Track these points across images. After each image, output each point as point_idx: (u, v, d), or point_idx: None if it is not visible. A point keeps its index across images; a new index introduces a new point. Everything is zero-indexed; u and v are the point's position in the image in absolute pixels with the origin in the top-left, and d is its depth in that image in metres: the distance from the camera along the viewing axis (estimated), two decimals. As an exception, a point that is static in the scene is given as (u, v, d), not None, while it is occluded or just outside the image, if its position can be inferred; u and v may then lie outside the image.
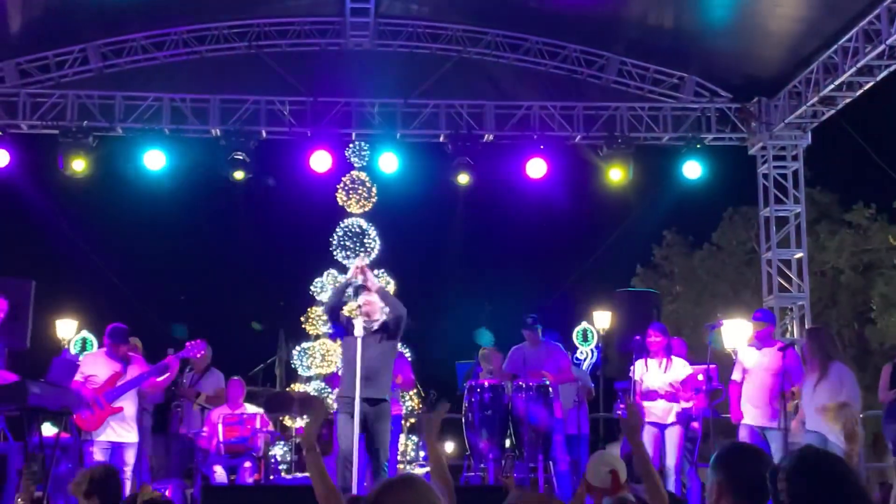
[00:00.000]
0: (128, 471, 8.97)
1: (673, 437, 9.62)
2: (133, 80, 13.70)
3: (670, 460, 9.53)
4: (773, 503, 3.03)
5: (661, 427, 9.66)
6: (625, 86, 14.16)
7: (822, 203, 24.95)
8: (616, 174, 13.66)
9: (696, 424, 9.97)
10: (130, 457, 9.16)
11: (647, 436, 9.69)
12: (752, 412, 9.33)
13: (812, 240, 20.36)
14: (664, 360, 9.77)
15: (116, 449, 9.10)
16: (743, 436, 9.31)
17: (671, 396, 9.65)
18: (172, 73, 13.78)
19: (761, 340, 9.54)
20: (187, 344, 9.91)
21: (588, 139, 13.98)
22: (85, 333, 16.86)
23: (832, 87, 12.31)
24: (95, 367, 9.21)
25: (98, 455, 9.01)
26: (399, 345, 9.25)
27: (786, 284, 13.90)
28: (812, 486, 2.95)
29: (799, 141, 13.96)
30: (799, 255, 13.92)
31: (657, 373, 9.71)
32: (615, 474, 4.94)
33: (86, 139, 13.18)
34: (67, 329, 16.95)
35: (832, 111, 13.14)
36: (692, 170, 13.62)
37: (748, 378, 9.39)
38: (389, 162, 13.72)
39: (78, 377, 9.07)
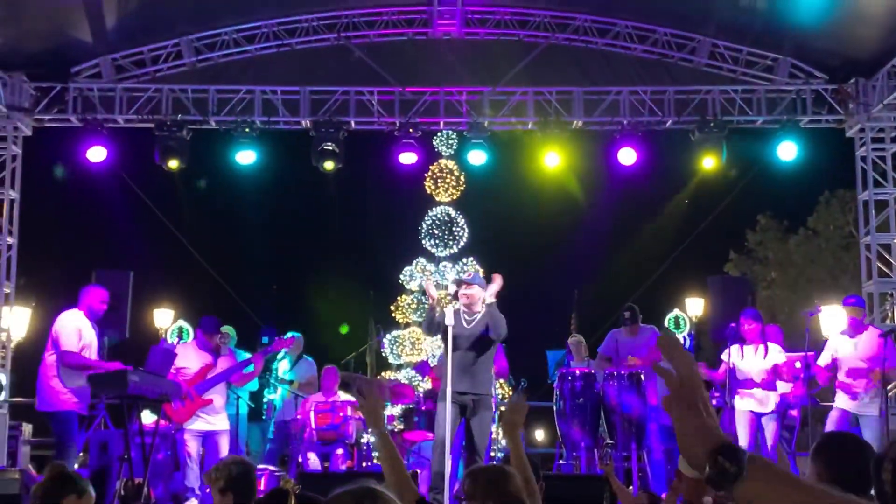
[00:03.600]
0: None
1: (770, 426, 9.49)
2: (225, 73, 13.92)
3: (768, 448, 9.41)
4: (877, 493, 2.92)
5: (759, 415, 9.52)
6: (717, 68, 13.90)
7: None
8: (708, 159, 13.43)
9: (794, 412, 9.79)
10: (224, 444, 9.34)
11: (743, 422, 9.56)
12: (844, 398, 9.18)
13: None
14: (760, 347, 9.62)
15: (209, 437, 9.28)
16: (833, 417, 9.18)
17: (768, 384, 9.50)
18: (263, 65, 13.97)
19: (854, 328, 9.38)
20: (276, 339, 10.08)
21: (679, 124, 13.77)
22: (181, 323, 17.24)
23: (933, 65, 11.93)
24: (186, 358, 9.40)
25: (191, 443, 9.22)
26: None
27: (885, 270, 13.53)
28: None
29: (899, 122, 13.57)
30: (899, 239, 13.54)
31: (754, 360, 9.56)
32: None
33: (180, 132, 13.42)
34: (164, 319, 17.36)
35: (933, 91, 12.73)
36: (787, 151, 13.33)
37: (842, 365, 9.25)
38: (478, 156, 13.73)
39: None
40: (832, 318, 11.28)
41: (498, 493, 3.89)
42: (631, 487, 9.26)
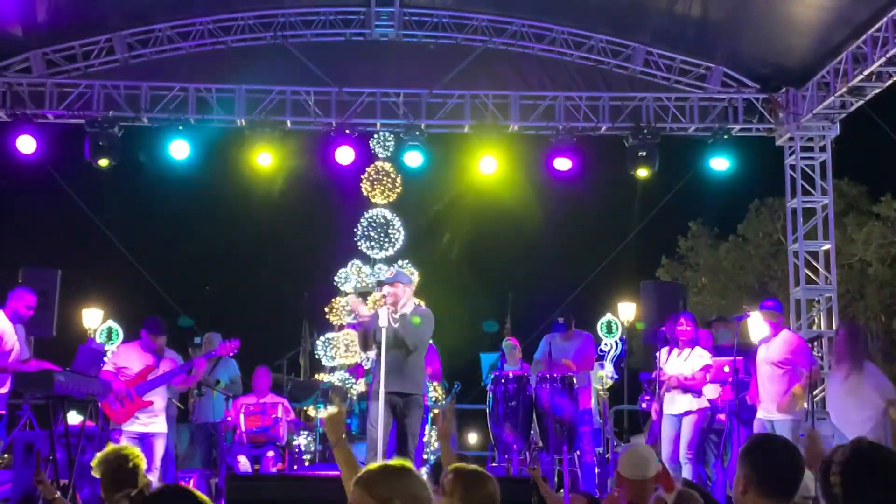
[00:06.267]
0: (157, 461, 9.01)
1: (685, 426, 9.42)
2: (159, 70, 13.73)
3: (682, 450, 9.35)
4: (824, 496, 2.97)
5: (679, 417, 9.51)
6: (651, 76, 14.06)
7: (849, 195, 24.77)
8: (642, 165, 13.58)
9: (721, 417, 9.85)
10: (160, 447, 9.20)
11: (665, 428, 9.57)
12: (762, 405, 9.18)
13: (840, 232, 20.22)
14: (686, 350, 9.65)
15: (145, 439, 9.14)
16: (755, 428, 9.22)
17: (685, 386, 9.48)
18: (198, 63, 13.81)
19: (772, 330, 9.38)
20: (221, 343, 9.96)
21: (614, 130, 13.91)
22: (111, 323, 16.96)
23: (861, 77, 12.17)
24: (129, 359, 9.25)
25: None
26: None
27: (813, 277, 13.78)
28: (869, 479, 2.90)
29: (827, 132, 13.81)
30: (826, 247, 13.79)
31: (676, 362, 9.60)
32: (664, 470, 4.87)
33: (112, 129, 13.23)
34: (93, 318, 17.06)
35: (861, 102, 12.98)
36: (719, 164, 13.57)
37: (758, 371, 9.26)
38: (414, 158, 13.75)
39: (110, 367, 9.12)
40: (760, 323, 11.37)
41: (476, 495, 3.92)
42: (562, 491, 9.31)
